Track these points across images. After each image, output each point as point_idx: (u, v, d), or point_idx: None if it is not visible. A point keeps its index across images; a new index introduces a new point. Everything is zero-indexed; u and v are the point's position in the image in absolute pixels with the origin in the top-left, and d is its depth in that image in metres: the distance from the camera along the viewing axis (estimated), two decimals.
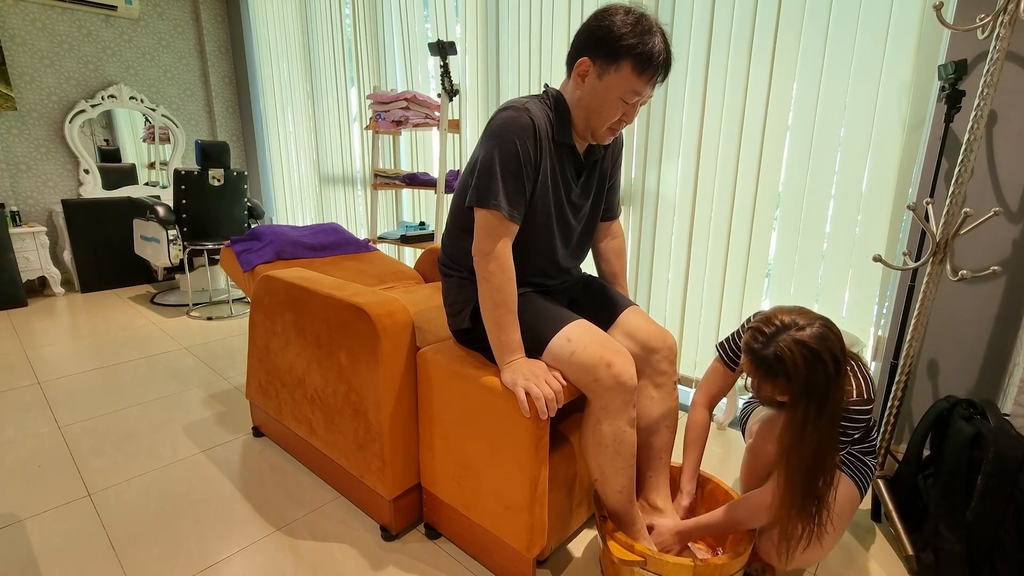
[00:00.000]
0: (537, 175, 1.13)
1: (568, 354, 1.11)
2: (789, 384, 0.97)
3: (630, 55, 1.03)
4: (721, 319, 2.12)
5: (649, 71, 1.05)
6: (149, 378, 2.38)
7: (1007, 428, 1.20)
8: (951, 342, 1.60)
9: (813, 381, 0.96)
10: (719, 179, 2.02)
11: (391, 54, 3.19)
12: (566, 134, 1.16)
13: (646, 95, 1.10)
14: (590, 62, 1.08)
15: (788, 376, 0.97)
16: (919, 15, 1.55)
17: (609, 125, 1.13)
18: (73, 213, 3.68)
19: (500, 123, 1.09)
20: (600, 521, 1.20)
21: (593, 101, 1.11)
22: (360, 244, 2.40)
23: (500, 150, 1.08)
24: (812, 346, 0.95)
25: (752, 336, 1.02)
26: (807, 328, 0.97)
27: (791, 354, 0.96)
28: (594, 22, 1.07)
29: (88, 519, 1.46)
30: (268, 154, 4.59)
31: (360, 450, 1.39)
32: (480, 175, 1.11)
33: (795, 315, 1.00)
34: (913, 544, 1.32)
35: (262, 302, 1.67)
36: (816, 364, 0.95)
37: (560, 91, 1.18)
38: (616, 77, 1.06)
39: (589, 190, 1.28)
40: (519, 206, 1.11)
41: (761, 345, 1.00)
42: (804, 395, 0.97)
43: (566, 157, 1.19)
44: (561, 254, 1.27)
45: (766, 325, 1.01)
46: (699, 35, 1.96)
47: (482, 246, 1.11)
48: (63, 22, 3.74)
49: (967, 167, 1.32)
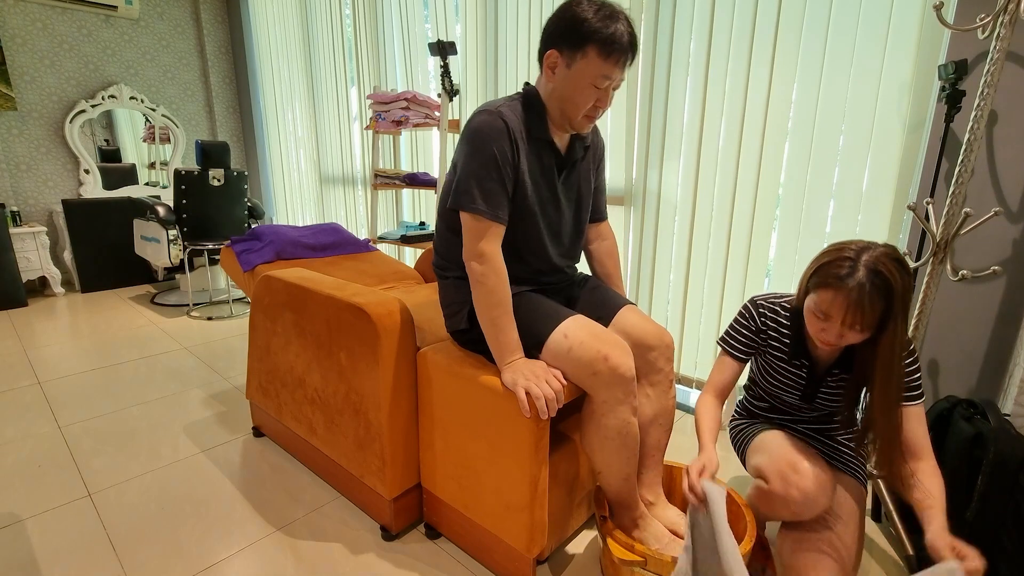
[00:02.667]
0: (517, 175, 1.15)
1: (566, 350, 1.12)
2: (890, 300, 0.94)
3: (594, 40, 1.06)
4: (721, 319, 2.12)
5: (615, 54, 1.07)
6: (149, 378, 2.38)
7: (1007, 428, 1.20)
8: (951, 342, 1.59)
9: (906, 292, 0.95)
10: (719, 179, 2.02)
11: (391, 54, 3.19)
12: (543, 129, 1.18)
13: (616, 78, 1.12)
14: (557, 53, 1.11)
15: (889, 293, 0.94)
16: (919, 15, 1.55)
17: (585, 112, 1.15)
18: (73, 213, 3.68)
19: (474, 128, 1.12)
20: (600, 521, 1.20)
21: (565, 91, 1.13)
22: (360, 244, 2.40)
23: (476, 154, 1.11)
24: (896, 256, 0.95)
25: (835, 266, 0.98)
26: (877, 245, 0.97)
27: (886, 267, 0.94)
28: (557, 15, 1.11)
29: (88, 519, 1.46)
30: (268, 154, 4.59)
31: (360, 450, 1.39)
32: (459, 180, 1.14)
33: (857, 241, 0.99)
34: (914, 544, 1.32)
35: (262, 302, 1.67)
36: (905, 274, 0.95)
37: (535, 87, 1.20)
38: (584, 64, 1.09)
39: (572, 188, 1.29)
40: (501, 206, 1.13)
41: (850, 271, 0.95)
42: (902, 308, 0.96)
43: (545, 155, 1.21)
44: (552, 252, 1.28)
45: (844, 252, 0.98)
46: (699, 35, 1.96)
47: (471, 249, 1.13)
48: (63, 22, 3.74)
49: (967, 167, 1.32)
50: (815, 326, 1.04)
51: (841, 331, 0.99)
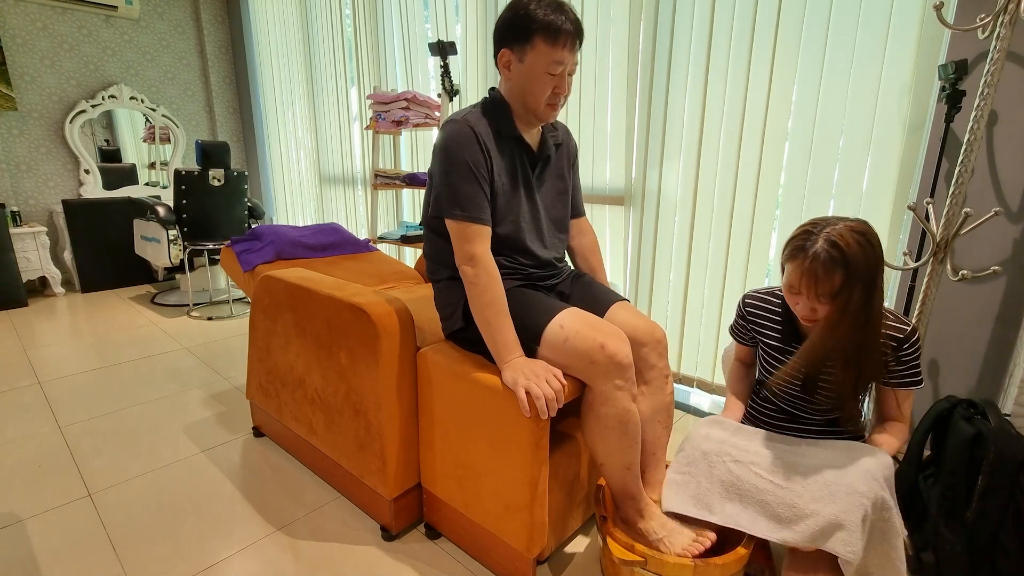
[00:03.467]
0: (492, 176, 1.19)
1: (562, 340, 1.13)
2: (847, 271, 0.98)
3: (538, 30, 1.11)
4: (721, 320, 2.12)
5: (560, 38, 1.11)
6: (149, 378, 2.38)
7: (1007, 428, 1.20)
8: (951, 342, 1.59)
9: (868, 264, 0.98)
10: (719, 179, 2.02)
11: (391, 54, 3.19)
12: (511, 127, 1.23)
13: (569, 63, 1.16)
14: (509, 51, 1.17)
15: (845, 262, 0.98)
16: (919, 15, 1.55)
17: (546, 101, 1.19)
18: (73, 213, 3.68)
19: (443, 139, 1.18)
20: (600, 521, 1.20)
21: (523, 84, 1.18)
22: (360, 244, 2.40)
23: (449, 164, 1.16)
24: (860, 229, 0.99)
25: (800, 239, 1.03)
26: (847, 220, 1.01)
27: (843, 239, 0.98)
28: (503, 15, 1.16)
29: (88, 519, 1.46)
30: (268, 154, 4.59)
31: (360, 450, 1.40)
32: (438, 190, 1.20)
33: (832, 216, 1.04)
34: (914, 544, 1.32)
35: (262, 302, 1.67)
36: (867, 246, 0.98)
37: (499, 89, 1.25)
38: (534, 55, 1.14)
39: (547, 182, 1.34)
40: (482, 208, 1.17)
41: (811, 241, 1.01)
42: (860, 278, 0.98)
43: (518, 152, 1.25)
44: (535, 247, 1.30)
45: (810, 226, 1.03)
46: (699, 34, 1.96)
47: (461, 254, 1.17)
48: (63, 22, 3.74)
49: (967, 167, 1.32)
50: (791, 301, 1.09)
51: (810, 303, 1.04)
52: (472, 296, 1.16)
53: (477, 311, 1.16)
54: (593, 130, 2.34)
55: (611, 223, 2.41)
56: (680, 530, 1.16)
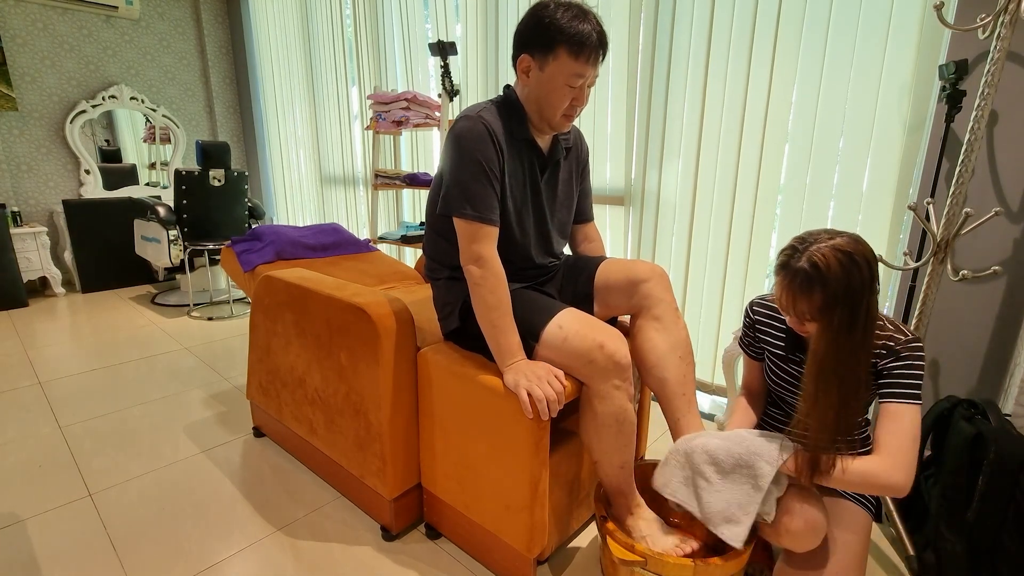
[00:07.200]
0: (502, 177, 1.17)
1: (561, 340, 1.12)
2: (825, 291, 0.95)
3: (563, 41, 1.08)
4: (721, 320, 2.12)
5: (585, 52, 1.09)
6: (150, 378, 2.38)
7: (1008, 428, 1.20)
8: (952, 342, 1.59)
9: (849, 286, 0.94)
10: (719, 179, 2.02)
11: (391, 54, 3.19)
12: (524, 130, 1.21)
13: (589, 76, 1.13)
14: (529, 58, 1.14)
15: (824, 283, 0.94)
16: (919, 15, 1.55)
17: (562, 112, 1.17)
18: (74, 213, 3.68)
19: (457, 134, 1.14)
20: (600, 521, 1.20)
21: (541, 92, 1.15)
22: (361, 244, 2.40)
23: (461, 160, 1.13)
24: (846, 250, 0.95)
25: (786, 254, 1.01)
26: (838, 237, 0.97)
27: (824, 259, 0.94)
28: (526, 19, 1.13)
29: (89, 519, 1.46)
30: (268, 154, 4.59)
31: (360, 450, 1.40)
32: (447, 187, 1.16)
33: (825, 231, 1.00)
34: (914, 544, 1.32)
35: (263, 302, 1.67)
36: (851, 268, 0.94)
37: (514, 89, 1.23)
38: (555, 65, 1.11)
39: (555, 187, 1.31)
40: (492, 208, 1.15)
41: (795, 259, 0.98)
42: (840, 300, 0.95)
43: (527, 155, 1.23)
44: (537, 251, 1.30)
45: (798, 242, 1.00)
46: (699, 34, 1.96)
47: (467, 253, 1.15)
48: (64, 22, 3.74)
49: (968, 167, 1.32)
50: (782, 313, 1.07)
51: (794, 319, 1.03)
52: (477, 297, 1.15)
53: (482, 313, 1.15)
54: (593, 130, 2.34)
55: (611, 223, 2.41)
56: (664, 535, 1.15)
